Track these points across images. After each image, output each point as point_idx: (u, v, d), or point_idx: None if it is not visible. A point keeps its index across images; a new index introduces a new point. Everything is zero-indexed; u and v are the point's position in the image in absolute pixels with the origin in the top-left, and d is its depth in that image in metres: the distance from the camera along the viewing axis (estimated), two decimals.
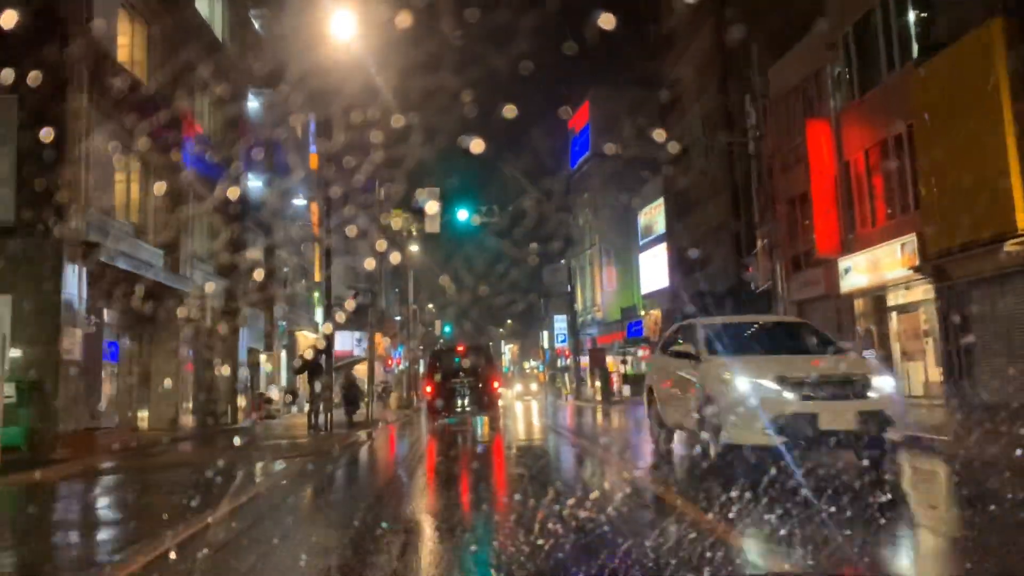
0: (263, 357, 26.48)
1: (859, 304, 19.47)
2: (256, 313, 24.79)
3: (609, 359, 53.19)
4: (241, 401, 22.32)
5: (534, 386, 62.29)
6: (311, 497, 8.20)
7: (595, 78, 64.62)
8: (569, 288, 51.95)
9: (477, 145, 18.57)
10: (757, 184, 21.00)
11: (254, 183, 24.64)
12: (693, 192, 39.26)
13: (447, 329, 66.60)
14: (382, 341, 59.40)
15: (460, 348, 21.28)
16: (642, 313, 52.64)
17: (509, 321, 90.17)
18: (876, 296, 18.83)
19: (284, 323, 28.10)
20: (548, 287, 78.84)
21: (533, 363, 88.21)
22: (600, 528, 5.00)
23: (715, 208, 34.96)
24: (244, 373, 22.99)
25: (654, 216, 53.62)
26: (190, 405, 18.61)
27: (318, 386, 16.37)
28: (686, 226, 39.91)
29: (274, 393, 26.70)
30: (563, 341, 67.06)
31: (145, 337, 17.79)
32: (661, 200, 50.47)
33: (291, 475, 9.65)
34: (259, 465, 10.77)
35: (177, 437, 16.16)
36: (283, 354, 28.70)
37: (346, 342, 53.39)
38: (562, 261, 77.97)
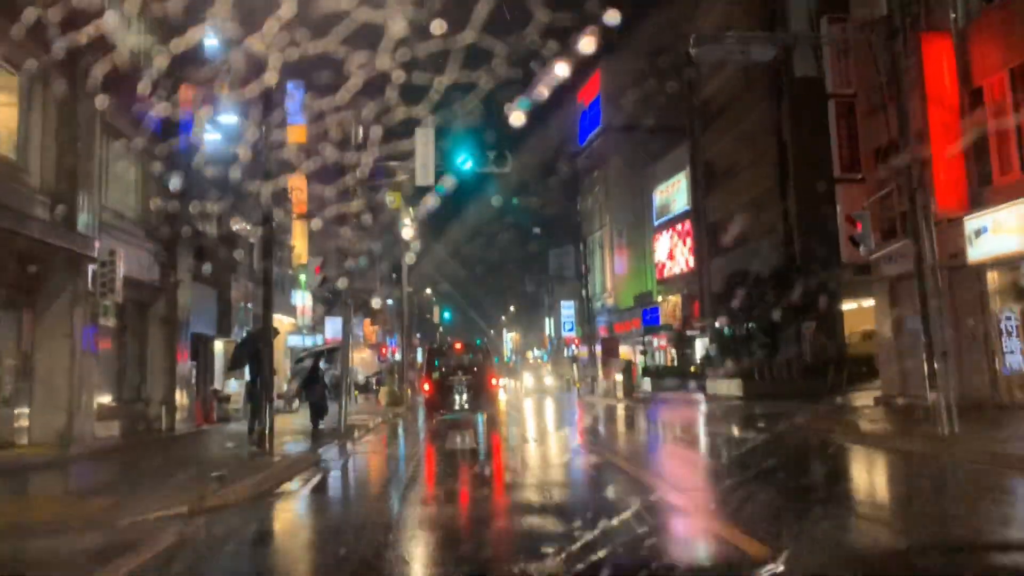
0: (217, 345, 21.65)
1: (994, 277, 14.64)
2: (206, 291, 19.96)
3: (624, 349, 48.73)
4: (181, 400, 17.53)
5: (549, 380, 57.41)
6: None
7: (606, 45, 59.48)
8: (585, 267, 47.07)
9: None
10: (842, 122, 16.25)
11: (212, 136, 19.78)
12: (727, 158, 34.39)
13: (446, 315, 61.68)
14: (373, 329, 55.03)
15: (458, 345, 21.86)
16: (659, 299, 48.01)
17: (512, 308, 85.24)
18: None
19: (249, 304, 23.26)
20: (554, 272, 73.98)
21: (537, 352, 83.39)
22: None
23: (756, 174, 30.13)
24: (187, 366, 18.21)
25: (672, 193, 49.00)
26: (94, 409, 13.78)
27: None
28: (718, 199, 35.06)
29: (232, 389, 21.91)
30: (571, 329, 62.40)
31: (26, 315, 12.94)
32: (682, 175, 45.99)
33: None
34: (92, 543, 5.93)
35: (52, 460, 11.31)
36: None
37: (337, 330, 48.61)
38: (569, 245, 73.36)
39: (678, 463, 11.06)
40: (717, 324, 31.67)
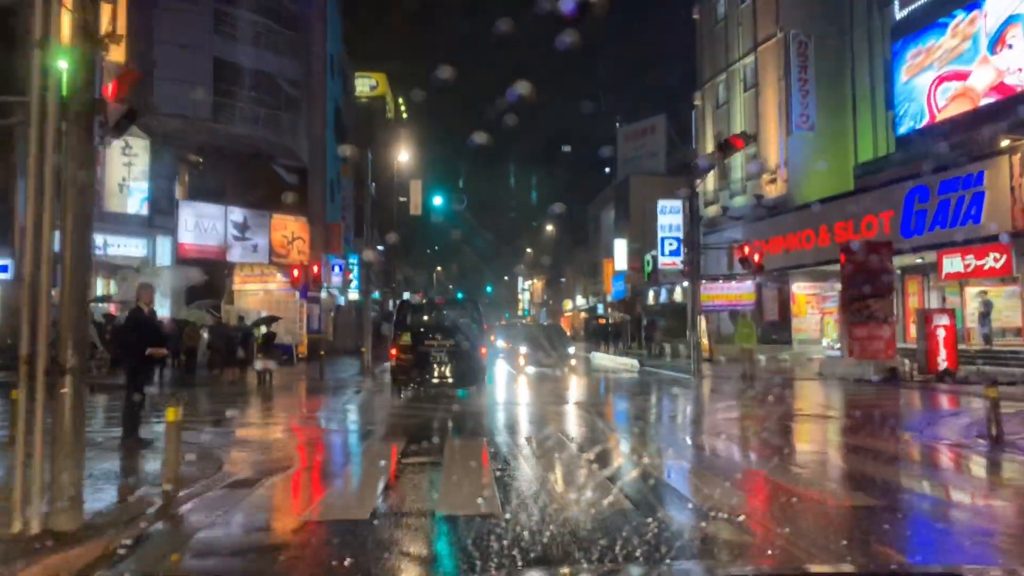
0: None
1: None
2: None
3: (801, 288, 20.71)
4: None
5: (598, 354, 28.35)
6: None
7: None
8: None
9: None
10: None
11: None
12: None
13: (436, 201, 31.94)
14: (298, 225, 27.73)
15: (439, 301, 20.41)
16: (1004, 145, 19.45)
17: (549, 227, 55.97)
18: None
19: None
20: (625, 163, 44.92)
21: (581, 301, 54.33)
22: None
23: None
24: None
25: None
26: None
27: None
28: None
29: None
30: (674, 252, 33.41)
31: None
32: None
33: None
34: None
35: None
36: None
37: (205, 229, 20.42)
38: (658, 116, 44.59)
39: None
40: None
